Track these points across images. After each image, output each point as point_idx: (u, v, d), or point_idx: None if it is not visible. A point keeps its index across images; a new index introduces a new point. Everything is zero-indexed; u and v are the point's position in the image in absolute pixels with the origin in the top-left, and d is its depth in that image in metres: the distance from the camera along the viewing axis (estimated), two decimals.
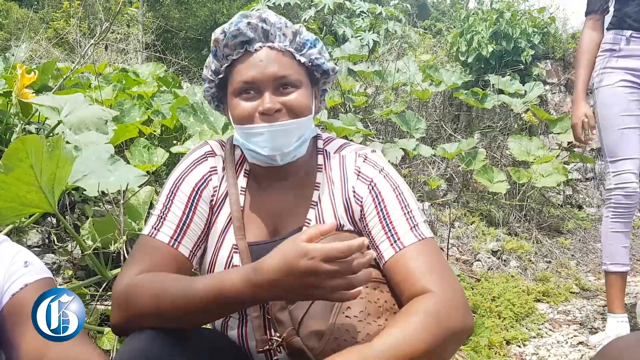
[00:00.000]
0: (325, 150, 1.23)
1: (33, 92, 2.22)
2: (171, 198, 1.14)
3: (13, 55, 3.81)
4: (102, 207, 2.23)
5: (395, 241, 1.07)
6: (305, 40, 1.16)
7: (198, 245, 1.15)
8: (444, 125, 4.98)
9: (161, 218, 1.12)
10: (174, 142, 3.10)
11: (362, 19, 6.50)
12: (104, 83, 3.50)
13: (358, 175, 1.16)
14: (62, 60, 5.10)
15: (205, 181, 1.17)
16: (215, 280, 0.95)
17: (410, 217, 1.09)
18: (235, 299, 0.93)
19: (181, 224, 1.11)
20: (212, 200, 1.17)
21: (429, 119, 5.01)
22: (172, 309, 0.95)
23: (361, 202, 1.14)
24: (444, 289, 0.99)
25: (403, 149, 3.87)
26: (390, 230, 1.08)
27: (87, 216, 2.20)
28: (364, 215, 1.13)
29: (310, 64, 1.16)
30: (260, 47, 1.11)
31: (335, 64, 4.17)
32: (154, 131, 3.03)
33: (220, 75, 1.16)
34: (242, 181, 1.20)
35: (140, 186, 2.09)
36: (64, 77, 2.94)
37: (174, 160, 3.02)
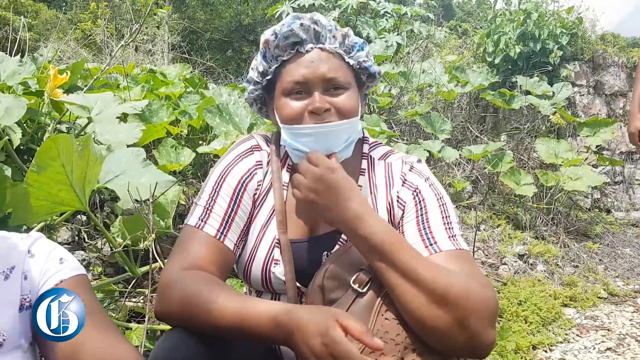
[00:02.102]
0: (370, 156, 1.23)
1: (63, 92, 2.26)
2: (217, 190, 1.14)
3: (41, 55, 3.88)
4: (131, 206, 2.26)
5: (431, 244, 1.06)
6: (354, 43, 1.17)
7: (241, 239, 1.15)
8: (469, 127, 4.94)
9: (207, 210, 1.12)
10: (200, 142, 3.13)
11: (386, 19, 6.48)
12: (132, 84, 3.55)
13: (404, 181, 1.16)
14: (89, 61, 5.18)
15: (250, 175, 1.17)
16: (242, 306, 0.93)
17: (449, 228, 1.09)
18: (256, 329, 0.91)
19: (227, 217, 1.12)
20: (255, 194, 1.18)
21: (455, 120, 4.97)
22: (199, 322, 0.95)
23: (404, 206, 1.14)
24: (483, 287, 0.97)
25: (428, 151, 3.84)
26: (427, 234, 1.07)
27: (117, 214, 2.23)
28: (403, 217, 1.13)
29: (358, 66, 1.17)
30: (312, 48, 1.13)
31: None
32: (181, 131, 3.06)
33: (268, 77, 1.17)
34: (285, 176, 1.21)
35: None
36: (95, 77, 2.99)
37: (200, 161, 3.04)
